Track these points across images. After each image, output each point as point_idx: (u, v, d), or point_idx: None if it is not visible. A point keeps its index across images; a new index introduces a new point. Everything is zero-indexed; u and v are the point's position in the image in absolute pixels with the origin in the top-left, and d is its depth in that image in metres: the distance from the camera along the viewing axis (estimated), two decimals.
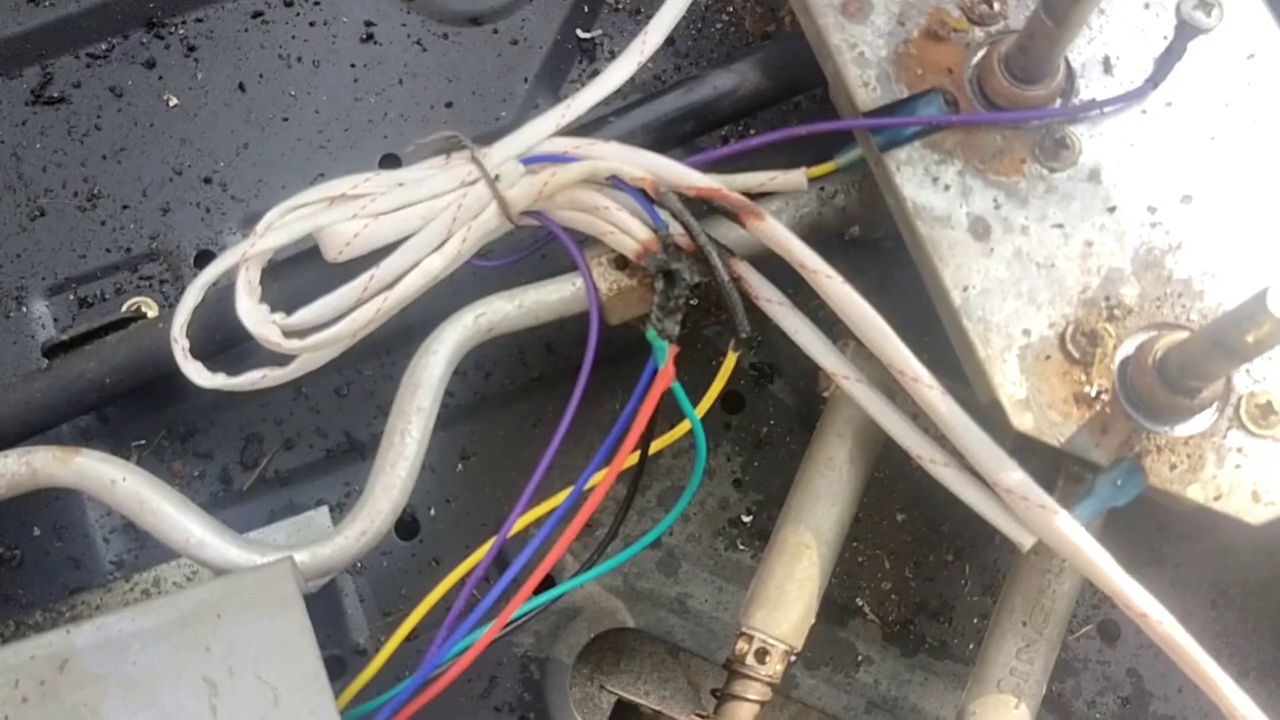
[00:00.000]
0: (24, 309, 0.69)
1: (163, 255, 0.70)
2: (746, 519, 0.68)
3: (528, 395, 0.70)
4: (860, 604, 0.67)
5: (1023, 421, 0.52)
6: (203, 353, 0.60)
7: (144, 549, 0.66)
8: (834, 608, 0.66)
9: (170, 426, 0.68)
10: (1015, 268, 0.54)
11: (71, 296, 0.69)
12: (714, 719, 0.57)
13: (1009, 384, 0.53)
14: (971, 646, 0.67)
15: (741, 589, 0.67)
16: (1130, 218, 0.55)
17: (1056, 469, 0.57)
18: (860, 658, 0.66)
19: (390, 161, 0.72)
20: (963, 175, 0.55)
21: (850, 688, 0.65)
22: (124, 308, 0.68)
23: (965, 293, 0.54)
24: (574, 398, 0.59)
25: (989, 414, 0.54)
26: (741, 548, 0.68)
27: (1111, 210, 0.55)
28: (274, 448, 0.69)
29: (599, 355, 0.60)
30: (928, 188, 0.55)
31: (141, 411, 0.68)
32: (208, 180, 0.71)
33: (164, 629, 0.52)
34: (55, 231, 0.70)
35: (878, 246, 0.70)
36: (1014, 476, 0.53)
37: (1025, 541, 0.54)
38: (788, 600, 0.58)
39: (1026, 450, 0.55)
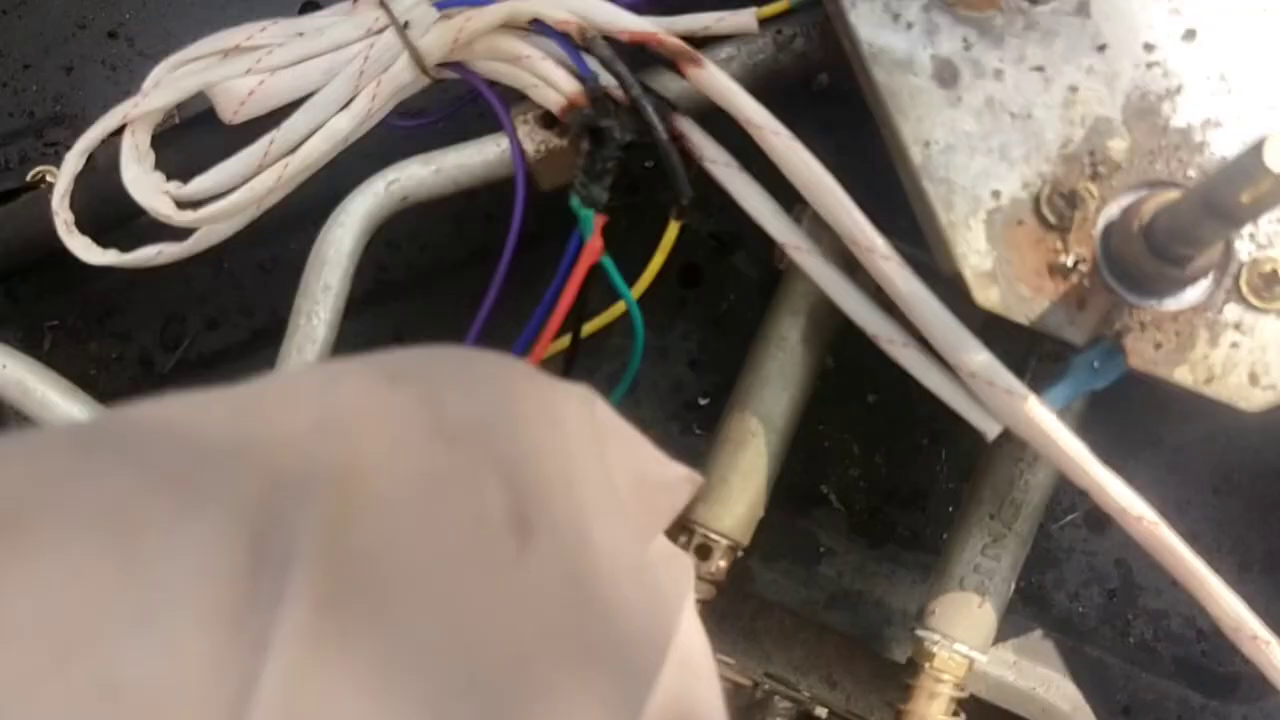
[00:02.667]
0: None
1: (68, 119, 0.65)
2: (703, 401, 0.63)
3: (466, 270, 0.64)
4: (825, 491, 0.62)
5: (987, 296, 0.46)
6: (95, 227, 0.55)
7: None
8: (796, 496, 0.61)
9: (85, 306, 0.64)
10: (986, 119, 0.47)
11: None
12: None
13: (973, 254, 0.46)
14: (945, 536, 0.62)
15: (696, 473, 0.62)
16: (1123, 58, 0.47)
17: (1029, 349, 0.51)
18: (823, 549, 0.61)
19: (310, 9, 0.65)
20: (928, 11, 0.47)
21: (810, 581, 0.61)
22: (29, 176, 0.63)
23: (927, 149, 0.47)
24: (499, 271, 0.54)
25: (955, 290, 0.48)
26: (698, 432, 0.63)
27: (1101, 49, 0.47)
28: (196, 328, 0.64)
29: (543, 225, 0.54)
30: (887, 27, 0.47)
31: (54, 289, 0.64)
32: (113, 35, 0.65)
33: None
34: None
35: (850, 99, 0.62)
36: (978, 358, 0.47)
37: (990, 430, 0.48)
38: (732, 492, 0.53)
39: (998, 332, 0.48)
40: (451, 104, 0.58)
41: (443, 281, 0.64)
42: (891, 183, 0.50)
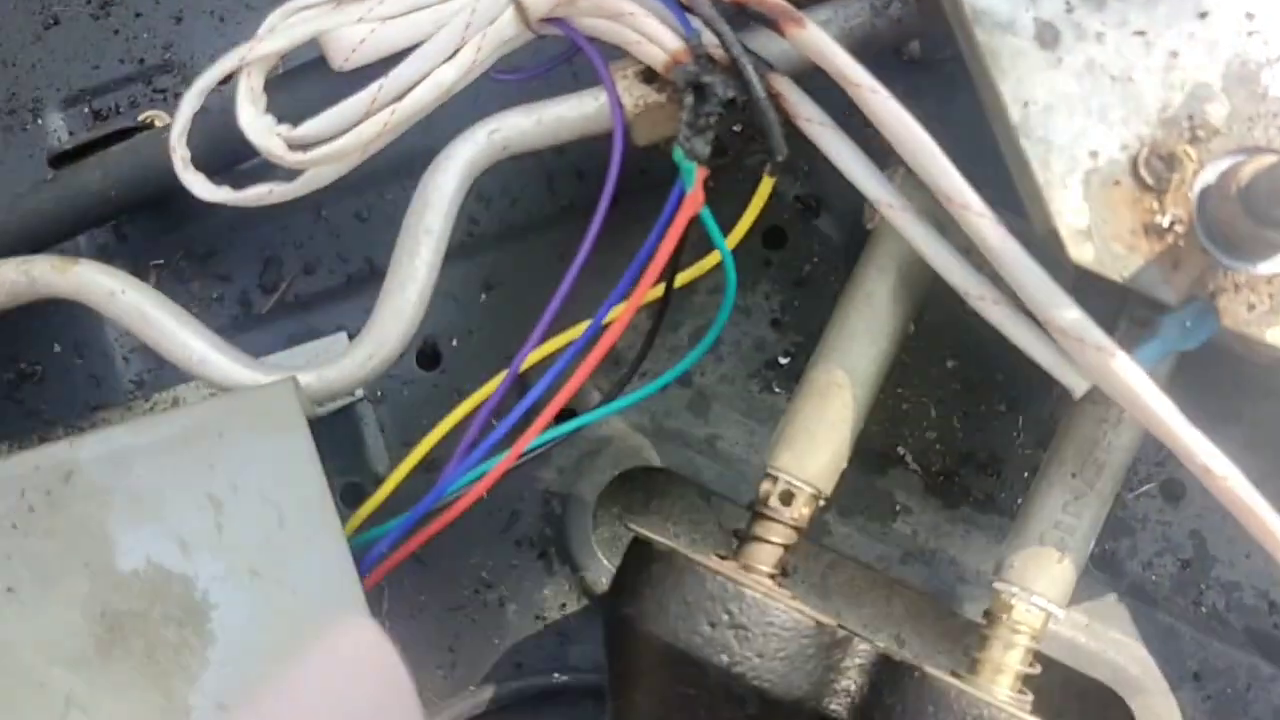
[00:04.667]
0: (39, 121, 0.66)
1: (176, 66, 0.67)
2: (784, 361, 0.64)
3: (556, 224, 0.66)
4: (902, 453, 0.63)
5: (1082, 253, 0.47)
6: (209, 167, 0.57)
7: (163, 369, 0.65)
8: (873, 455, 0.63)
9: (189, 247, 0.66)
10: (1086, 81, 0.48)
11: (86, 109, 0.67)
12: (734, 559, 0.54)
13: (1069, 212, 0.47)
14: (1020, 501, 0.62)
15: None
16: (1224, 25, 0.48)
17: (1119, 311, 0.51)
18: (899, 507, 0.63)
19: None
20: None
21: (886, 537, 0.62)
22: (137, 120, 0.65)
23: (1026, 109, 0.48)
24: (594, 224, 0.55)
25: (1048, 250, 0.49)
26: (777, 390, 0.64)
27: (1203, 16, 0.48)
28: (294, 272, 0.66)
29: (633, 182, 0.56)
30: None
31: (160, 230, 0.66)
32: None
33: (167, 444, 0.51)
34: (69, 41, 0.67)
35: (940, 68, 0.63)
36: (1069, 314, 0.48)
37: (1079, 387, 0.49)
38: (817, 442, 0.54)
39: (1088, 291, 0.49)
40: (549, 61, 0.60)
41: (532, 235, 0.66)
42: (977, 153, 0.51)
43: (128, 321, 0.54)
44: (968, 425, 0.63)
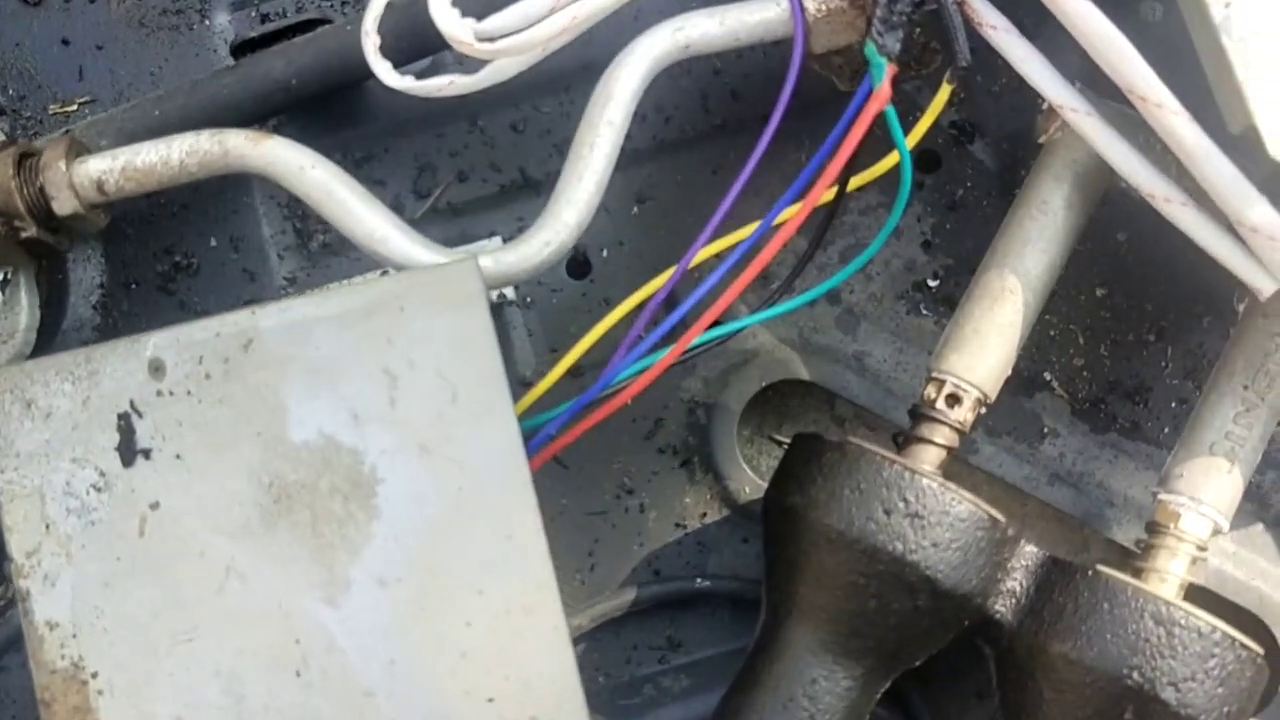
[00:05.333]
0: (207, 22, 0.68)
1: None
2: (933, 284, 0.65)
3: (709, 141, 0.67)
4: (1049, 378, 0.64)
5: None
6: (396, 57, 0.58)
7: (315, 268, 0.66)
8: (1020, 379, 0.63)
9: (346, 150, 0.67)
10: None
11: (254, 12, 0.68)
12: (901, 456, 0.54)
13: (1270, 107, 0.48)
14: (1167, 430, 0.63)
15: (923, 352, 0.64)
16: None
17: None
18: (1046, 430, 0.63)
19: None
20: None
21: (1033, 459, 0.62)
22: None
23: (1227, 9, 0.48)
24: (770, 126, 0.56)
25: (1242, 152, 0.49)
26: (925, 313, 0.64)
27: None
28: (448, 179, 0.67)
29: (788, 104, 0.56)
30: None
31: (318, 132, 0.66)
32: None
33: (347, 316, 0.51)
34: None
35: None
36: (1262, 212, 0.48)
37: (1266, 287, 0.50)
38: (987, 345, 0.55)
39: (1275, 195, 0.50)
40: None
41: (685, 152, 0.67)
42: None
43: (315, 197, 0.55)
44: (1116, 353, 0.64)
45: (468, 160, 0.67)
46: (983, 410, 0.55)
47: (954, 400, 0.54)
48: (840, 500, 0.51)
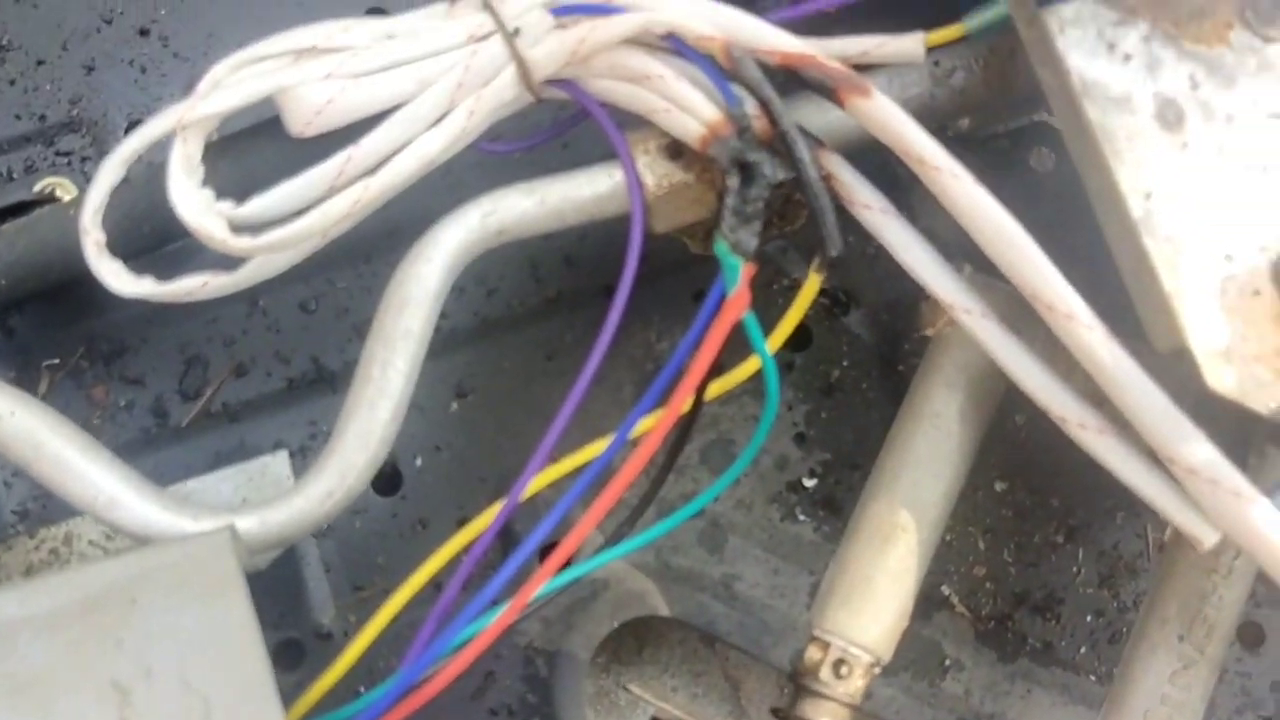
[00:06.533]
0: None
1: (85, 125, 0.55)
2: (809, 483, 0.55)
3: (541, 319, 0.56)
4: (948, 594, 0.54)
5: (1221, 380, 0.39)
6: (127, 250, 0.46)
7: (54, 497, 0.52)
8: (917, 598, 0.53)
9: (91, 343, 0.54)
10: (1217, 170, 0.40)
11: None
12: None
13: (1204, 327, 0.39)
14: (1084, 650, 0.54)
15: (801, 570, 0.54)
16: None
17: (1244, 442, 0.44)
18: (948, 661, 0.53)
19: (379, 12, 0.57)
20: (1149, 42, 0.41)
21: (935, 699, 0.53)
22: (35, 189, 0.54)
23: (1148, 201, 0.40)
24: (609, 323, 0.45)
25: (1166, 369, 0.41)
26: (802, 518, 0.55)
27: None
28: (223, 375, 0.55)
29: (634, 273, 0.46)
30: (1101, 57, 0.41)
31: (56, 323, 0.54)
32: (144, 32, 0.57)
33: (63, 615, 0.39)
34: None
35: (990, 146, 0.56)
36: (1200, 453, 0.39)
37: (1207, 538, 0.41)
38: (878, 598, 0.45)
39: (1203, 418, 0.41)
40: (551, 128, 0.50)
41: (513, 331, 0.56)
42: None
43: (19, 452, 0.42)
44: (1021, 559, 0.55)
45: (247, 350, 0.55)
46: (876, 672, 0.46)
47: (841, 667, 0.44)
48: None
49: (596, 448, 0.50)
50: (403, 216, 0.49)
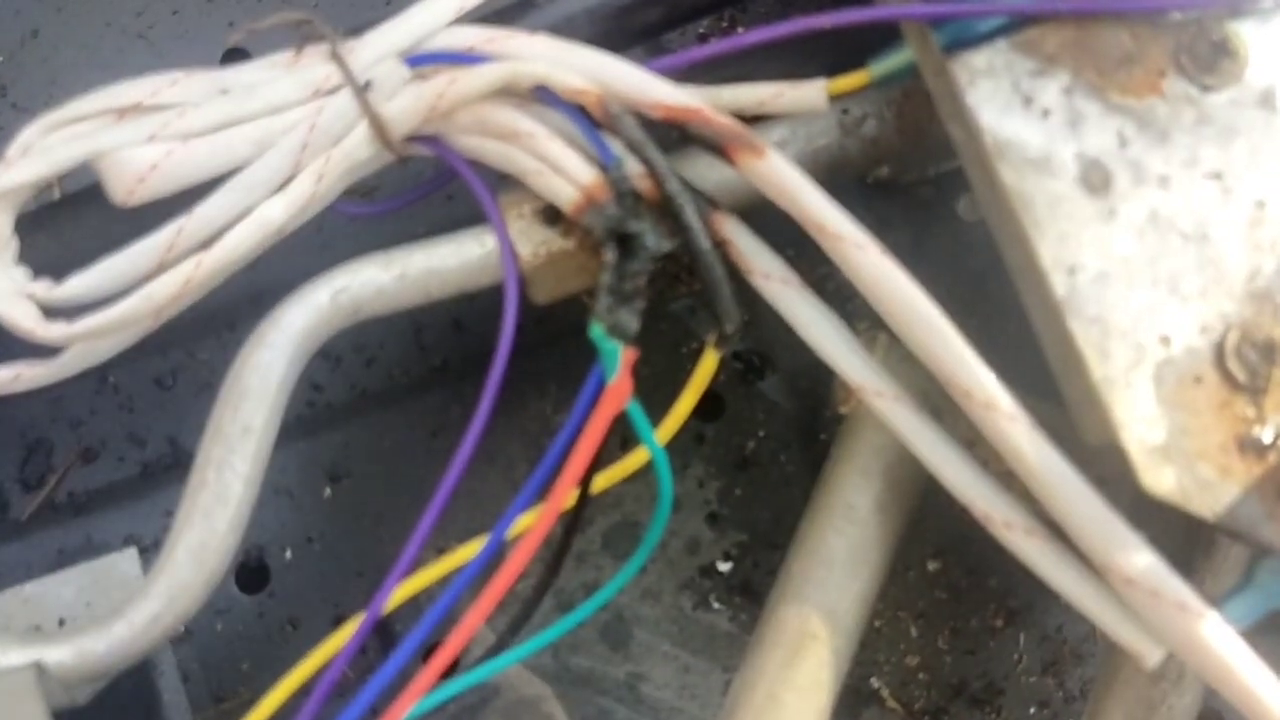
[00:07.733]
0: None
1: None
2: (724, 567, 0.50)
3: (426, 391, 0.51)
4: (877, 686, 0.50)
5: (1159, 480, 0.34)
6: None
7: None
8: (842, 692, 0.49)
9: None
10: (1150, 239, 0.36)
11: None
12: None
13: (1139, 421, 0.34)
14: None
15: (715, 666, 0.49)
16: None
17: (1190, 544, 0.39)
18: None
19: (237, 57, 0.52)
20: (1070, 95, 0.36)
21: None
22: None
23: (1073, 278, 0.35)
24: (483, 405, 0.40)
25: (1103, 456, 0.36)
26: (717, 606, 0.50)
27: None
28: (69, 460, 0.50)
29: (526, 337, 0.41)
30: (1017, 113, 0.36)
31: None
32: None
33: None
34: None
35: (911, 195, 0.51)
36: (1139, 561, 0.35)
37: (1150, 655, 0.36)
38: (786, 716, 0.40)
39: (1142, 516, 0.36)
40: (416, 187, 0.45)
41: (395, 406, 0.51)
42: (956, 310, 0.39)
43: None
44: (957, 646, 0.51)
45: (96, 432, 0.50)
46: None
47: None
48: None
49: (484, 539, 0.44)
50: (269, 280, 0.43)
